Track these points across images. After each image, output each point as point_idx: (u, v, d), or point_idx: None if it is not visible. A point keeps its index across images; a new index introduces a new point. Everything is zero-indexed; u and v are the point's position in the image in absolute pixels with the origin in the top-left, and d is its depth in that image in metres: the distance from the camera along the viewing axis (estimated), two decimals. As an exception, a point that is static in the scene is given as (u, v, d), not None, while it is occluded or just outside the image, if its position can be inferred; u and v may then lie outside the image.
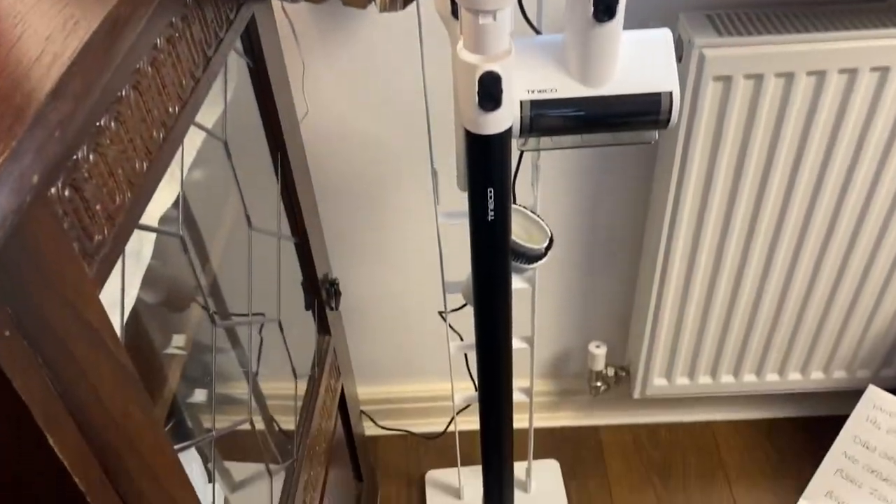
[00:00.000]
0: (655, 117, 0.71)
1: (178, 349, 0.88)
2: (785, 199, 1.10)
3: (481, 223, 0.73)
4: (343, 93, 1.09)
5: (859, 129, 1.02)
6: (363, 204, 1.24)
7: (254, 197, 0.80)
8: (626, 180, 1.22)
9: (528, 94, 0.67)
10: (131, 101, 0.49)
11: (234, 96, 0.76)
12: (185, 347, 0.88)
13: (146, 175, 0.50)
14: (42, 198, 0.38)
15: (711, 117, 1.01)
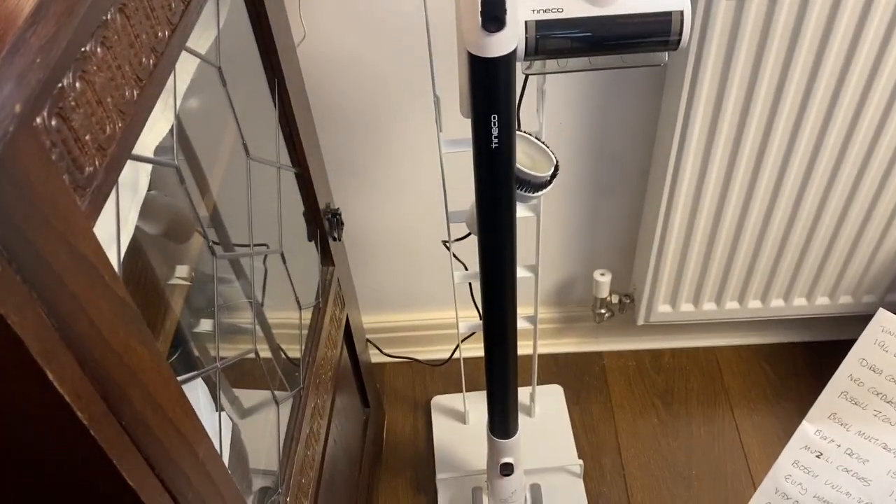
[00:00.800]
0: (665, 38, 0.68)
1: (182, 280, 0.88)
2: (796, 123, 1.07)
3: (485, 150, 0.71)
4: (341, 15, 1.06)
5: (876, 50, 0.99)
6: (364, 132, 1.21)
7: (252, 126, 0.78)
8: (634, 105, 1.19)
9: (534, 13, 0.65)
10: (118, 24, 0.47)
11: (228, 20, 0.73)
12: (188, 278, 0.88)
13: (137, 103, 0.49)
14: (27, 128, 0.36)
15: (723, 37, 0.98)
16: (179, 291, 0.87)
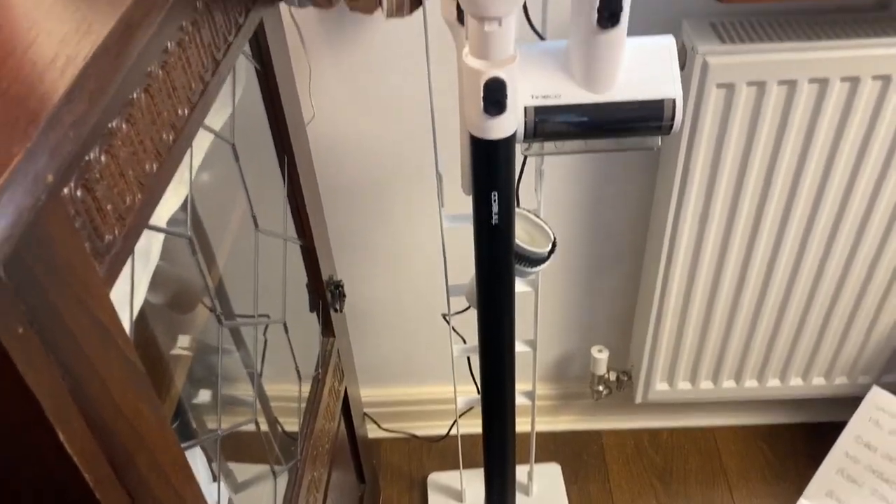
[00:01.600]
0: (658, 124, 0.72)
1: (184, 350, 0.89)
2: (787, 206, 1.11)
3: (485, 226, 0.74)
4: (349, 97, 1.10)
5: (861, 137, 1.03)
6: (368, 207, 1.24)
7: (260, 199, 0.81)
8: (630, 185, 1.23)
9: (533, 99, 0.68)
10: (142, 103, 0.50)
11: (242, 99, 0.77)
12: (190, 348, 0.89)
13: (156, 176, 0.51)
14: (56, 197, 0.38)
15: (714, 124, 1.02)
16: (180, 361, 0.88)
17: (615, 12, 0.63)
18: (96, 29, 0.45)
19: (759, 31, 0.98)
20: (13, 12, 0.47)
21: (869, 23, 0.99)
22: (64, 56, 0.42)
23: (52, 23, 0.46)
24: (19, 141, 0.35)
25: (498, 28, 0.56)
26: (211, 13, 0.62)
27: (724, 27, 0.99)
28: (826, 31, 0.98)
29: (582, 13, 0.64)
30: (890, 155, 1.05)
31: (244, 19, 0.70)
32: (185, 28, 0.57)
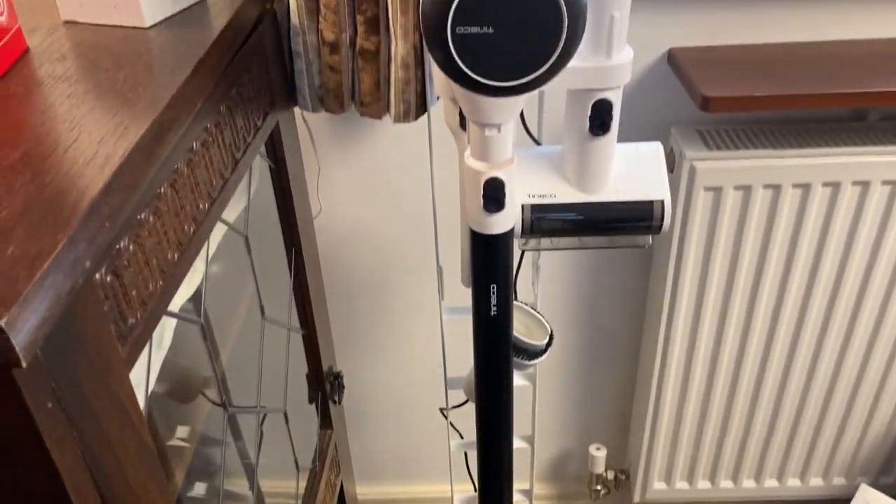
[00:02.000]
0: (648, 223, 0.75)
1: (182, 441, 0.90)
2: (777, 305, 1.14)
3: (484, 318, 0.76)
4: (355, 193, 1.15)
5: (844, 239, 1.07)
6: (370, 298, 1.27)
7: (265, 287, 0.84)
8: (624, 282, 1.26)
9: (529, 198, 0.72)
10: (168, 197, 0.54)
11: (255, 193, 0.81)
12: (188, 439, 0.90)
13: (177, 265, 0.55)
14: (90, 282, 0.42)
15: (703, 225, 1.07)
16: (179, 452, 0.89)
17: (605, 121, 0.68)
18: (132, 130, 0.49)
19: (743, 139, 1.04)
20: (57, 112, 0.52)
21: (847, 132, 1.05)
22: (103, 154, 0.46)
23: (92, 124, 0.50)
24: (62, 229, 0.39)
25: (497, 133, 0.61)
26: (233, 116, 0.67)
27: (710, 134, 1.06)
28: (807, 140, 1.04)
29: (575, 121, 0.69)
30: (873, 256, 1.09)
31: (262, 122, 0.75)
32: (210, 130, 0.62)
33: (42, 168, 0.45)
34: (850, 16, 1.03)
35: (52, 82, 0.57)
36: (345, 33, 0.87)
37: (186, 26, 0.67)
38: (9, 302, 0.33)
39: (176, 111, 0.54)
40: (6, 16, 0.60)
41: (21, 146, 0.47)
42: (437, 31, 0.42)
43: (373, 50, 0.88)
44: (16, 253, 0.37)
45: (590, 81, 0.65)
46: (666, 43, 1.04)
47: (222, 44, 0.65)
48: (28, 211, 0.40)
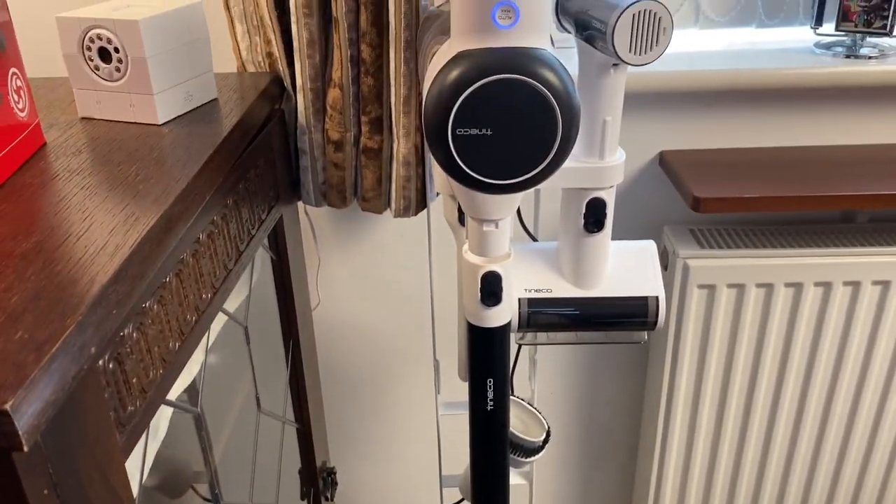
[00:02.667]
0: (643, 319, 0.77)
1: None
2: (774, 403, 1.13)
3: (480, 412, 0.76)
4: (354, 286, 1.17)
5: (839, 337, 1.08)
6: (366, 392, 1.27)
7: (261, 379, 0.84)
8: (621, 377, 1.26)
9: (526, 292, 0.74)
10: (173, 286, 0.55)
11: (255, 284, 0.83)
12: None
13: (177, 354, 0.55)
14: (93, 369, 0.42)
15: (698, 322, 1.08)
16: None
17: (600, 218, 0.70)
18: (142, 221, 0.51)
19: (735, 238, 1.07)
20: (71, 202, 0.54)
21: (836, 233, 1.08)
22: (113, 244, 0.48)
23: (104, 214, 0.52)
24: (71, 315, 0.40)
25: (495, 229, 0.63)
26: (239, 209, 0.69)
27: (702, 233, 1.08)
28: (797, 240, 1.06)
29: (570, 218, 0.71)
30: (868, 355, 1.09)
31: (266, 215, 0.78)
32: (216, 222, 0.64)
33: (54, 256, 0.46)
34: (836, 122, 1.07)
35: (67, 175, 0.59)
36: (349, 133, 0.91)
37: (198, 123, 0.70)
38: (15, 385, 0.34)
39: (185, 204, 0.56)
40: (27, 112, 0.63)
41: (35, 235, 0.49)
42: (438, 132, 0.44)
43: (376, 148, 0.91)
44: (24, 337, 0.38)
45: (584, 181, 0.68)
46: (657, 145, 1.08)
47: (232, 141, 0.67)
48: (38, 297, 0.41)
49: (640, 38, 0.57)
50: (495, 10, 0.42)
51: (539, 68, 0.42)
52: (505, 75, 0.42)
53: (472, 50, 0.42)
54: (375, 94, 0.88)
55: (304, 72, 0.87)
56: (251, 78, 0.85)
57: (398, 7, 0.81)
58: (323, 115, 0.90)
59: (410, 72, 0.85)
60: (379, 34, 0.85)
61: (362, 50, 0.86)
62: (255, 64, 0.91)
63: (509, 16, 0.42)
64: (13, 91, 0.61)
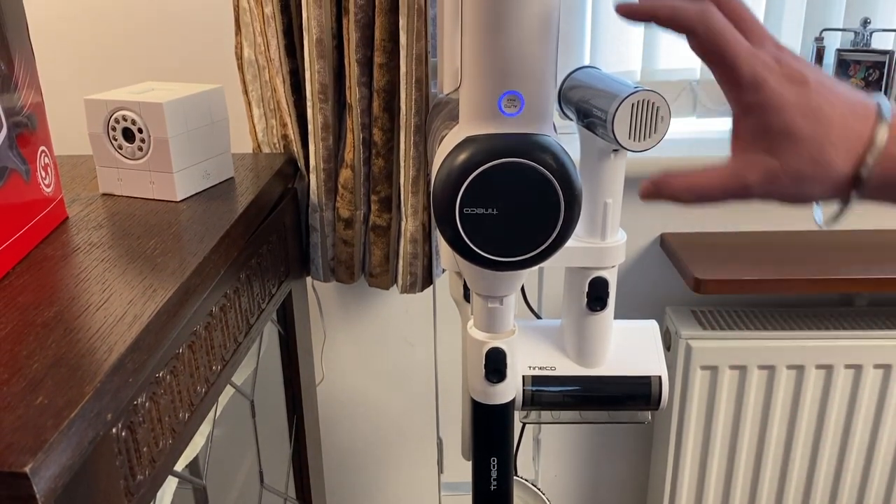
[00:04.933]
0: (646, 399, 0.77)
1: None
2: (780, 484, 1.12)
3: (484, 492, 0.76)
4: (358, 362, 1.17)
5: (843, 420, 1.08)
6: (368, 470, 1.25)
7: (263, 452, 0.84)
8: (625, 459, 1.25)
9: (530, 370, 0.75)
10: (185, 358, 0.56)
11: (261, 357, 0.84)
12: None
13: (186, 425, 0.56)
14: (108, 435, 0.43)
15: (702, 403, 1.08)
16: None
17: (602, 297, 0.72)
18: (160, 293, 0.53)
19: (736, 319, 1.08)
20: (91, 274, 0.56)
21: (836, 316, 1.09)
22: (131, 315, 0.49)
23: (123, 286, 0.54)
24: (90, 382, 0.41)
25: (500, 306, 0.64)
26: (251, 284, 0.71)
27: (703, 314, 1.09)
28: (798, 322, 1.07)
29: (573, 297, 0.73)
30: (873, 437, 1.09)
31: (277, 290, 0.79)
32: (229, 295, 0.66)
33: (74, 325, 0.48)
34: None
35: (88, 248, 0.61)
36: (359, 211, 0.93)
37: (215, 200, 0.73)
38: (35, 449, 0.35)
39: (201, 277, 0.58)
40: (52, 188, 0.66)
41: (56, 305, 0.50)
42: (446, 210, 0.46)
43: (384, 226, 0.94)
44: (44, 402, 0.39)
45: (586, 260, 0.70)
46: (658, 228, 1.11)
47: (247, 218, 0.70)
48: (58, 364, 0.43)
49: (639, 126, 0.60)
50: (501, 99, 0.45)
51: (542, 153, 0.44)
52: (510, 159, 0.44)
53: (480, 135, 0.45)
54: (385, 174, 0.92)
55: (318, 153, 0.90)
56: (266, 158, 0.89)
57: (409, 95, 0.85)
58: (334, 193, 0.93)
59: (419, 154, 0.89)
60: (390, 119, 0.89)
61: (374, 133, 0.89)
62: (270, 145, 0.95)
63: (514, 104, 0.45)
64: (41, 168, 0.64)
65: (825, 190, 0.38)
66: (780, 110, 0.36)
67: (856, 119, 0.36)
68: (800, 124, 0.36)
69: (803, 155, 0.37)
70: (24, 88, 0.61)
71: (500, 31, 0.42)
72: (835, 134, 0.36)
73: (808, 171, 0.37)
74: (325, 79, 0.87)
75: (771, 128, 0.37)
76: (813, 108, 0.36)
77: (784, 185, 0.38)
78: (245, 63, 0.91)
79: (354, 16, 0.84)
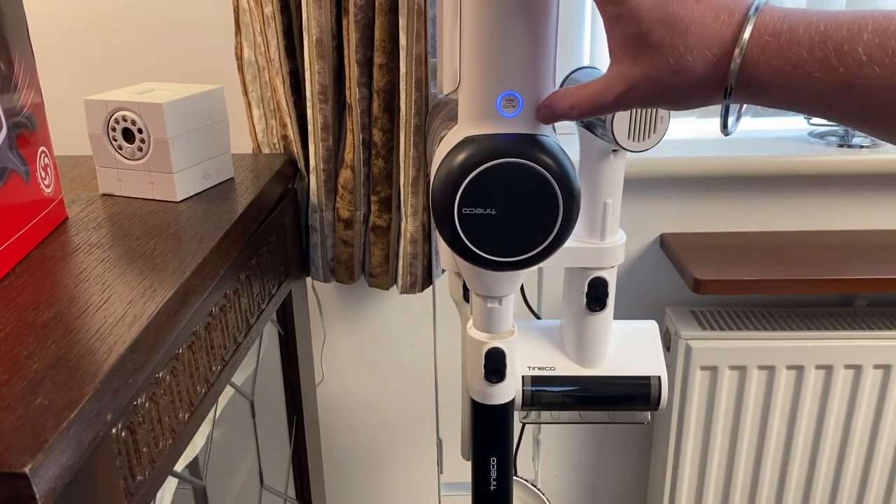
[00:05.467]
0: (646, 399, 0.77)
1: None
2: (780, 484, 1.12)
3: (483, 493, 0.76)
4: (357, 363, 1.17)
5: (842, 421, 1.08)
6: (367, 471, 1.25)
7: (263, 453, 0.84)
8: (625, 459, 1.25)
9: (529, 370, 0.75)
10: (185, 358, 0.56)
11: (261, 358, 0.84)
12: None
13: (186, 425, 0.56)
14: (107, 436, 0.43)
15: (701, 403, 1.08)
16: None
17: (601, 297, 0.72)
18: (160, 293, 0.53)
19: (735, 320, 1.08)
20: (91, 275, 0.56)
21: (836, 316, 1.09)
22: (131, 315, 0.49)
23: (122, 286, 0.54)
24: (89, 382, 0.41)
25: (499, 306, 0.64)
26: (251, 284, 0.71)
27: (703, 315, 1.09)
28: (798, 323, 1.07)
29: (573, 297, 0.73)
30: (873, 437, 1.09)
31: (276, 290, 0.79)
32: (229, 296, 0.66)
33: (73, 326, 0.48)
34: (830, 208, 1.10)
35: (88, 248, 0.61)
36: (359, 211, 0.94)
37: (215, 201, 0.73)
38: (34, 449, 0.35)
39: (200, 278, 0.58)
40: (52, 188, 0.66)
41: (55, 305, 0.51)
42: (445, 211, 0.46)
43: (384, 226, 0.94)
44: (44, 403, 0.39)
45: (585, 261, 0.70)
46: (658, 228, 1.11)
47: (246, 218, 0.70)
48: (58, 365, 0.43)
49: (639, 126, 0.61)
50: (500, 100, 0.45)
51: (540, 153, 0.44)
52: (509, 159, 0.45)
53: (479, 135, 0.45)
54: (385, 175, 0.92)
55: (318, 153, 0.90)
56: (266, 159, 0.89)
57: (409, 95, 0.86)
58: (334, 194, 0.93)
59: (419, 154, 0.89)
60: (390, 119, 0.89)
61: (374, 134, 0.90)
62: (269, 146, 0.95)
63: (513, 105, 0.45)
64: (41, 168, 0.64)
65: (695, 96, 0.38)
66: (639, 20, 0.37)
67: (718, 23, 0.36)
68: (656, 33, 0.37)
69: (662, 63, 0.37)
70: (24, 89, 0.61)
71: (499, 32, 0.43)
72: (692, 40, 0.36)
73: (668, 79, 0.37)
74: (324, 79, 0.87)
75: (631, 37, 0.38)
76: (671, 16, 0.36)
77: (649, 93, 0.38)
78: (245, 63, 0.92)
79: (354, 16, 0.84)
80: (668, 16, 0.37)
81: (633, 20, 0.37)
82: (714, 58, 0.36)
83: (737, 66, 0.36)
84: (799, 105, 0.36)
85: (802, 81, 0.35)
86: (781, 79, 0.35)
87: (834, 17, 0.34)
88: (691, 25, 0.36)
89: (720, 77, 0.37)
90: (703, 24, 0.36)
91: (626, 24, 0.38)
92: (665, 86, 0.38)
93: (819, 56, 0.34)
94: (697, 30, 0.36)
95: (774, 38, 0.35)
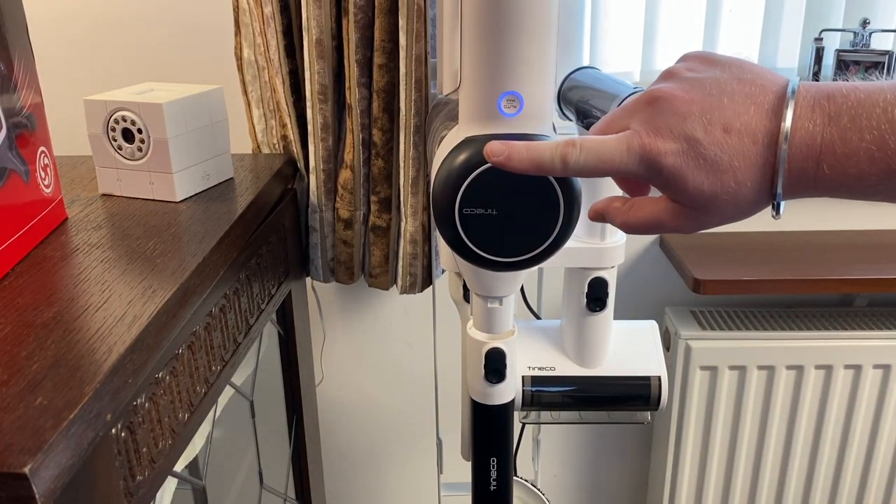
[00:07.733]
0: (646, 399, 0.77)
1: None
2: (779, 483, 1.12)
3: (483, 493, 0.76)
4: (357, 363, 1.17)
5: (842, 420, 1.08)
6: (367, 471, 1.25)
7: (262, 453, 0.84)
8: (625, 459, 1.25)
9: (530, 370, 0.75)
10: (185, 358, 0.56)
11: (261, 358, 0.84)
12: None
13: (186, 425, 0.56)
14: (107, 436, 0.43)
15: (701, 403, 1.08)
16: None
17: (601, 297, 0.72)
18: (160, 293, 0.53)
19: (735, 320, 1.08)
20: (90, 275, 0.56)
21: (835, 316, 1.09)
22: (131, 315, 0.49)
23: (122, 286, 0.54)
24: (89, 382, 0.41)
25: (499, 306, 0.64)
26: (251, 284, 0.71)
27: (703, 315, 1.09)
28: (797, 323, 1.07)
29: (573, 297, 0.73)
30: (873, 437, 1.09)
31: (276, 290, 0.79)
32: (228, 296, 0.66)
33: (73, 326, 0.48)
34: (830, 208, 1.10)
35: (87, 248, 0.61)
36: (359, 211, 0.93)
37: (214, 201, 0.73)
38: (34, 450, 0.35)
39: (200, 278, 0.58)
40: (52, 188, 0.66)
41: (55, 305, 0.50)
42: (446, 211, 0.46)
43: (384, 227, 0.94)
44: (43, 403, 0.39)
45: (585, 261, 0.70)
46: (658, 228, 1.11)
47: (246, 219, 0.70)
48: (58, 365, 0.43)
49: (639, 126, 0.60)
50: (501, 100, 0.45)
51: (542, 154, 0.44)
52: (510, 160, 0.44)
53: (479, 136, 0.45)
54: (385, 175, 0.92)
55: (318, 154, 0.90)
56: (266, 159, 0.89)
57: (409, 95, 0.85)
58: (334, 194, 0.93)
59: (419, 155, 0.89)
60: (390, 119, 0.89)
61: (374, 134, 0.89)
62: (269, 146, 0.95)
63: (514, 105, 0.45)
64: (40, 168, 0.64)
65: (754, 210, 0.38)
66: (682, 182, 0.37)
67: (757, 146, 0.36)
68: (702, 183, 0.36)
69: (721, 211, 0.38)
70: (24, 89, 0.61)
71: (500, 32, 0.43)
72: (741, 173, 0.36)
73: (731, 214, 0.38)
74: (324, 79, 0.87)
75: (686, 202, 0.38)
76: (708, 161, 0.36)
77: (715, 224, 0.40)
78: (245, 63, 0.91)
79: (354, 16, 0.84)
80: (707, 160, 0.36)
81: (675, 186, 0.37)
82: (764, 177, 0.36)
83: (781, 180, 0.35)
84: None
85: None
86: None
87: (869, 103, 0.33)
88: (734, 161, 0.36)
89: (771, 190, 0.36)
90: (744, 153, 0.36)
91: (672, 192, 0.38)
92: (731, 217, 0.39)
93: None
94: (741, 162, 0.36)
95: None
